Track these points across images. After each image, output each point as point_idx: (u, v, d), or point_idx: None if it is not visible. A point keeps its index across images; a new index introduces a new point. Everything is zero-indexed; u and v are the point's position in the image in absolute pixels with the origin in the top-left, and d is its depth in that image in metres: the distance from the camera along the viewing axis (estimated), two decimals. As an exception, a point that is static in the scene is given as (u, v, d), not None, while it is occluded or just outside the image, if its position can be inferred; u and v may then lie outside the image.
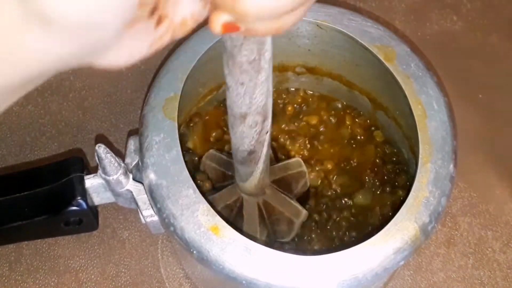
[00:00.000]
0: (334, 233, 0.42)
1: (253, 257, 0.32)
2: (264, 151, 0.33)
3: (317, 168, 0.44)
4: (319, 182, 0.44)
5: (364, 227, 0.42)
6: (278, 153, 0.45)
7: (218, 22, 0.21)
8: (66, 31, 0.17)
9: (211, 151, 0.43)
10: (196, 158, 0.44)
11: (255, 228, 0.39)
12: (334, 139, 0.46)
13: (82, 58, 0.19)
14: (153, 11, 0.19)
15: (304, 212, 0.40)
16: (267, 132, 0.31)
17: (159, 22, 0.20)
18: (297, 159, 0.43)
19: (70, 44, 0.18)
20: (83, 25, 0.17)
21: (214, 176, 0.42)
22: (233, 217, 0.40)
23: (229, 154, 0.42)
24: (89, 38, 0.18)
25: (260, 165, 0.34)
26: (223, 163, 0.42)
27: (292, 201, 0.40)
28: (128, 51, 0.20)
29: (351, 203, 0.43)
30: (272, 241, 0.41)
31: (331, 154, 0.45)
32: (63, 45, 0.18)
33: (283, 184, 0.41)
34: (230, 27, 0.21)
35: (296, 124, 0.46)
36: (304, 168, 0.42)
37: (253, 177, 0.36)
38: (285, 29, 0.22)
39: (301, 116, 0.47)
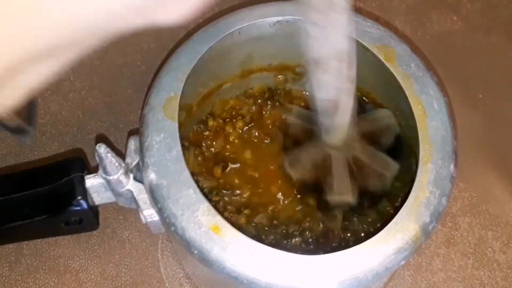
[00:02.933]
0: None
1: (254, 257, 0.32)
2: (350, 102, 0.32)
3: None
4: None
5: None
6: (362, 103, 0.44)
7: None
8: None
9: (295, 106, 0.42)
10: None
11: (346, 184, 0.38)
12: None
13: (149, 12, 0.18)
14: None
15: (395, 166, 0.39)
16: (352, 81, 0.30)
17: None
18: (385, 109, 0.41)
19: None
20: None
21: (299, 132, 0.42)
22: (322, 175, 0.39)
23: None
24: None
25: (347, 118, 0.33)
26: (307, 118, 0.41)
27: (382, 155, 0.39)
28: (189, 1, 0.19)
29: None
30: (365, 193, 0.39)
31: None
32: None
33: (371, 137, 0.40)
34: None
35: None
36: (393, 119, 0.40)
37: (340, 130, 0.35)
38: None
39: None
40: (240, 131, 0.44)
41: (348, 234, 0.40)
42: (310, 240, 0.40)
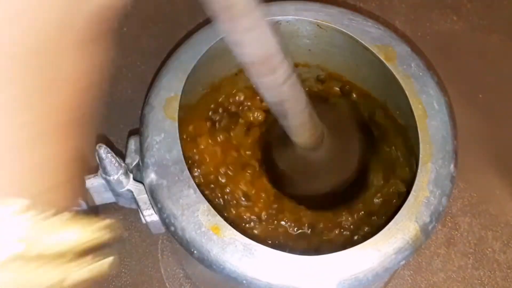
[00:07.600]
0: None
1: (254, 257, 0.32)
2: (296, 104, 0.32)
3: None
4: None
5: None
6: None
7: None
8: None
9: None
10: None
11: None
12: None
13: None
14: None
15: None
16: (291, 84, 0.31)
17: None
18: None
19: None
20: None
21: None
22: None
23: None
24: None
25: (297, 121, 0.34)
26: None
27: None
28: None
29: None
30: None
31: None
32: None
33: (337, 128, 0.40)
34: None
35: None
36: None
37: (301, 132, 0.35)
38: None
39: None
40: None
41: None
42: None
